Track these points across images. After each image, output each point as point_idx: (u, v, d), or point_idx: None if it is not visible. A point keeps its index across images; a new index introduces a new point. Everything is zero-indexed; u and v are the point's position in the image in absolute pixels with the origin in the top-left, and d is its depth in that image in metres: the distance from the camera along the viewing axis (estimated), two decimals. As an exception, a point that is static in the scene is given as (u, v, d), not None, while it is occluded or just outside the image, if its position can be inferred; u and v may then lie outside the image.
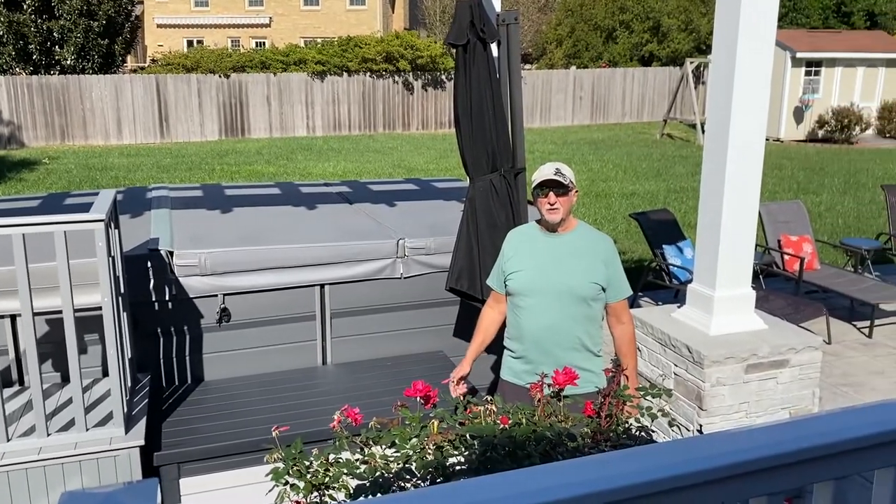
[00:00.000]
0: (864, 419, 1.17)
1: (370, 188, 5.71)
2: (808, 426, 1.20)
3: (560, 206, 2.97)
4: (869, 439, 1.19)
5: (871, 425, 1.19)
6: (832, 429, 1.19)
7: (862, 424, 1.17)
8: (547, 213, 3.00)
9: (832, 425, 1.20)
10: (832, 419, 1.21)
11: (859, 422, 1.18)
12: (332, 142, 20.56)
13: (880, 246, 7.57)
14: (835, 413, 1.23)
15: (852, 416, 1.20)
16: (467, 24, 3.52)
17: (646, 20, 30.42)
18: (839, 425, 1.18)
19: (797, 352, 3.80)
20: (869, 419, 1.18)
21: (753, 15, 3.55)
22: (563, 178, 2.96)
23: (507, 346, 3.21)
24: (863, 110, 20.34)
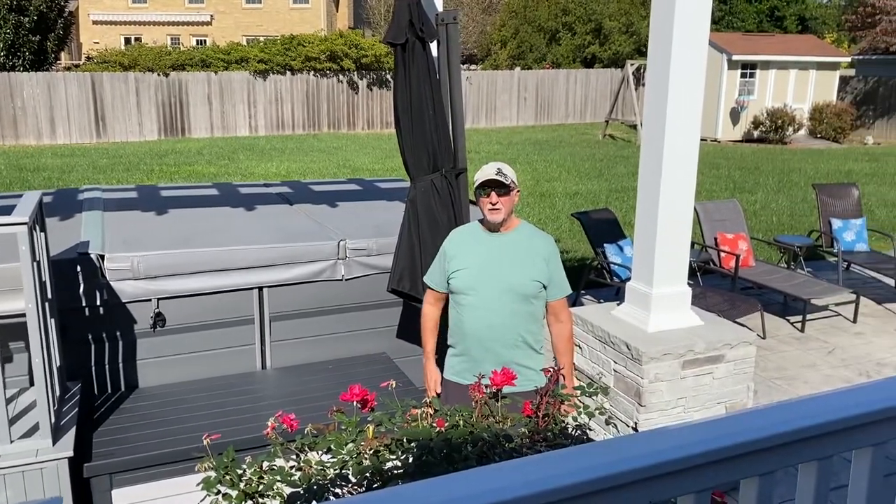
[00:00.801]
0: (787, 415, 1.19)
1: (311, 189, 5.63)
2: (734, 423, 1.21)
3: (502, 206, 2.99)
4: (793, 434, 1.21)
5: (795, 420, 1.21)
6: (757, 425, 1.21)
7: (785, 420, 1.19)
8: (489, 213, 3.02)
9: (757, 422, 1.22)
10: (757, 416, 1.23)
11: (783, 418, 1.20)
12: (275, 141, 20.27)
13: (812, 243, 7.83)
14: (760, 410, 1.25)
15: (776, 412, 1.22)
16: (406, 24, 3.49)
17: (588, 22, 30.89)
18: (764, 422, 1.20)
19: (732, 347, 3.89)
20: (793, 415, 1.20)
21: (687, 18, 3.62)
22: (505, 178, 2.97)
23: (449, 345, 3.21)
24: (795, 111, 21.05)
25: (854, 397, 1.25)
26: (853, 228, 7.70)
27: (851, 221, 7.74)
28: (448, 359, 3.22)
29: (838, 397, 1.25)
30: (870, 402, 1.28)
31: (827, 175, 14.99)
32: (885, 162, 17.20)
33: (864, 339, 6.25)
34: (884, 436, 1.28)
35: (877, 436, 1.28)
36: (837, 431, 1.21)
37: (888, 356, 5.89)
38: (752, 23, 34.62)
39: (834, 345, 6.14)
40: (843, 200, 7.97)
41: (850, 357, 5.88)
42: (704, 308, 5.64)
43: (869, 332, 6.43)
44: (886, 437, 1.29)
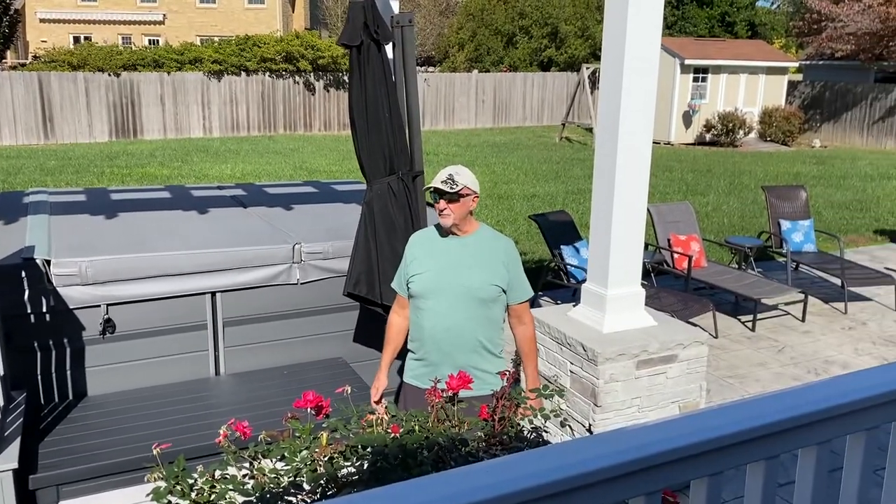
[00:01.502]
0: (734, 416, 1.21)
1: (266, 191, 5.56)
2: (685, 425, 1.23)
3: (451, 212, 2.98)
4: (743, 435, 1.23)
5: (745, 421, 1.23)
6: (708, 426, 1.22)
7: (736, 421, 1.21)
8: (439, 218, 3.02)
9: (708, 423, 1.23)
10: (708, 417, 1.24)
11: (733, 418, 1.21)
12: (230, 143, 19.98)
13: (762, 244, 8.02)
14: (711, 410, 1.27)
15: (727, 413, 1.24)
16: (360, 25, 3.47)
17: (544, 26, 31.16)
18: (713, 422, 1.22)
19: (684, 347, 3.95)
20: (742, 416, 1.22)
21: (640, 23, 3.67)
22: (453, 185, 2.95)
23: (409, 349, 3.20)
24: (746, 115, 21.55)
25: (799, 397, 1.27)
26: (801, 230, 7.90)
27: (799, 223, 7.94)
28: (408, 362, 3.21)
29: (785, 398, 1.27)
30: (815, 402, 1.31)
31: (776, 177, 15.37)
32: (831, 164, 17.71)
33: (812, 338, 6.42)
34: (828, 434, 1.31)
35: (821, 434, 1.31)
36: (785, 431, 1.24)
37: (835, 354, 6.06)
38: (703, 28, 35.36)
39: (783, 343, 6.29)
40: (792, 202, 8.18)
41: (799, 355, 6.03)
42: (658, 308, 5.73)
43: (817, 330, 6.60)
44: (831, 436, 1.32)
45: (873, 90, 22.30)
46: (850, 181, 15.17)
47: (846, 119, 22.99)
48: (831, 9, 23.23)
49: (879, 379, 1.34)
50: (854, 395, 1.29)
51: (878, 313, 7.07)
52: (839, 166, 17.44)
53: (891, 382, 1.33)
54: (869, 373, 1.39)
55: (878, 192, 13.92)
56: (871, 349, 6.16)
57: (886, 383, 1.32)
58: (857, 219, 11.47)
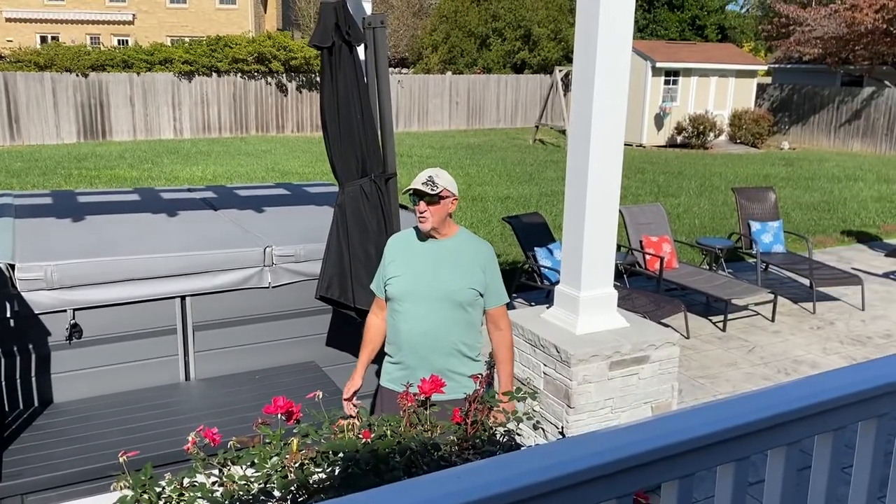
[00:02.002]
0: (705, 418, 1.21)
1: (237, 193, 5.50)
2: (657, 427, 1.22)
3: (430, 215, 2.96)
4: (712, 437, 1.23)
5: (714, 423, 1.23)
6: (676, 429, 1.22)
7: (704, 423, 1.21)
8: (418, 221, 3.00)
9: (676, 425, 1.23)
10: (676, 420, 1.24)
11: (702, 421, 1.22)
12: (200, 144, 19.77)
13: (732, 245, 8.11)
14: (682, 413, 1.27)
15: (697, 415, 1.24)
16: (332, 26, 3.44)
17: (517, 28, 31.29)
18: (682, 425, 1.22)
19: (656, 348, 3.98)
20: (711, 418, 1.23)
21: (611, 26, 3.69)
22: (434, 187, 2.94)
23: (386, 352, 3.18)
24: (716, 117, 21.82)
25: (769, 399, 1.28)
26: (771, 231, 8.01)
27: (769, 224, 8.05)
28: (385, 365, 3.19)
29: (754, 399, 1.28)
30: (784, 403, 1.31)
31: (746, 179, 15.58)
32: (799, 166, 18.00)
33: (781, 338, 6.51)
34: (797, 435, 1.32)
35: (791, 435, 1.32)
36: (755, 433, 1.24)
37: (804, 353, 6.15)
38: (674, 31, 35.76)
39: (754, 343, 6.37)
40: (761, 204, 8.29)
41: (768, 355, 6.11)
42: (631, 309, 5.77)
43: (786, 330, 6.70)
44: (800, 436, 1.33)
45: (840, 93, 22.71)
46: (818, 183, 15.42)
47: (814, 121, 23.39)
48: (799, 13, 23.63)
49: (847, 379, 1.35)
50: (823, 396, 1.30)
51: (846, 313, 7.19)
52: (807, 168, 17.72)
53: (858, 383, 1.34)
54: (837, 373, 1.40)
55: (844, 193, 14.17)
56: (839, 348, 6.26)
57: (854, 384, 1.34)
58: (825, 220, 11.66)
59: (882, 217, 11.98)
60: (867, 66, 23.06)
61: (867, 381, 1.34)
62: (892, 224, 11.45)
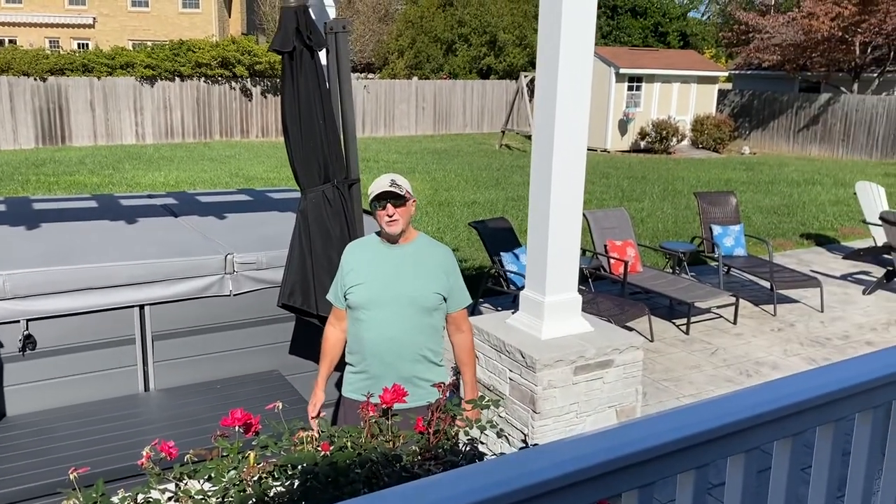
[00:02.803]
0: (663, 427, 1.21)
1: (198, 200, 5.41)
2: (614, 436, 1.21)
3: (399, 218, 2.95)
4: (671, 445, 1.23)
5: (672, 432, 1.22)
6: (637, 437, 1.21)
7: (662, 432, 1.20)
8: (386, 225, 2.96)
9: (636, 434, 1.22)
10: (635, 428, 1.23)
11: (660, 429, 1.21)
12: (163, 150, 19.47)
13: (695, 248, 8.21)
14: (638, 422, 1.26)
15: (652, 424, 1.23)
16: (293, 31, 3.40)
17: (483, 34, 31.42)
18: (642, 433, 1.21)
19: (620, 352, 4.00)
20: (668, 426, 1.22)
21: (573, 32, 3.70)
22: (400, 188, 2.94)
23: (348, 362, 3.13)
24: (678, 123, 22.13)
25: (727, 405, 1.28)
26: (732, 234, 8.13)
27: (730, 228, 8.17)
28: (347, 375, 3.14)
29: (714, 406, 1.28)
30: (743, 409, 1.31)
31: (708, 183, 15.81)
32: (759, 171, 18.33)
33: (743, 340, 6.60)
34: (757, 441, 1.32)
35: (751, 441, 1.32)
36: (715, 439, 1.24)
37: (765, 355, 6.24)
38: (637, 38, 36.22)
39: (716, 346, 6.44)
40: (723, 208, 8.41)
41: (731, 357, 6.19)
42: (596, 313, 5.80)
43: (748, 332, 6.79)
44: (760, 442, 1.33)
45: (798, 99, 23.20)
46: (778, 187, 15.71)
47: (773, 127, 23.86)
48: (758, 20, 24.11)
49: (806, 384, 1.36)
50: (782, 402, 1.30)
51: (806, 315, 7.32)
52: (767, 172, 18.05)
53: (817, 387, 1.35)
54: (795, 378, 1.41)
55: (803, 197, 14.46)
56: (799, 350, 6.37)
57: (812, 388, 1.34)
58: (785, 223, 11.88)
59: (839, 220, 12.24)
60: (824, 72, 23.61)
61: (826, 386, 1.34)
62: (849, 227, 11.71)
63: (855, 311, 7.48)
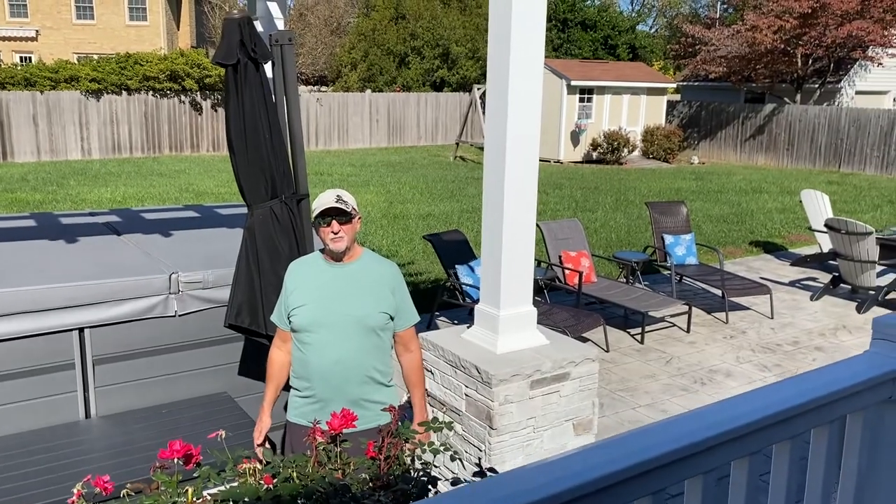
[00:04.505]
0: (618, 453, 1.16)
1: (143, 217, 5.24)
2: (560, 467, 1.16)
3: (344, 235, 2.86)
4: (626, 472, 1.18)
5: (626, 458, 1.18)
6: (592, 464, 1.16)
7: (617, 458, 1.15)
8: (331, 243, 2.87)
9: (593, 460, 1.18)
10: (591, 454, 1.19)
11: (614, 455, 1.16)
12: (110, 165, 19.00)
13: (647, 258, 8.29)
14: (592, 448, 1.22)
15: (608, 450, 1.18)
16: (236, 43, 3.31)
17: (436, 47, 31.54)
18: (598, 460, 1.16)
19: (576, 365, 3.97)
20: (622, 452, 1.17)
21: (523, 45, 3.69)
22: (345, 205, 2.85)
23: (293, 386, 3.01)
24: (629, 134, 22.48)
25: (682, 426, 1.24)
26: (683, 243, 8.23)
27: (682, 237, 8.28)
28: (292, 399, 3.02)
29: (671, 428, 1.24)
30: (700, 430, 1.28)
31: (659, 193, 16.06)
32: (708, 180, 18.69)
33: (696, 348, 6.66)
34: (713, 463, 1.29)
35: (707, 464, 1.28)
36: (670, 464, 1.20)
37: (718, 363, 6.31)
38: (588, 50, 36.78)
39: (671, 354, 6.49)
40: (674, 217, 8.52)
41: (685, 366, 6.24)
42: (551, 324, 5.79)
43: (701, 340, 6.86)
44: (716, 464, 1.29)
45: (744, 110, 23.79)
46: (727, 195, 16.04)
47: (721, 137, 24.40)
48: (704, 33, 24.68)
49: (760, 402, 1.33)
50: (738, 422, 1.27)
51: (756, 322, 7.43)
52: (716, 181, 18.43)
53: (774, 405, 1.32)
54: (750, 396, 1.38)
55: (751, 205, 14.78)
56: (751, 356, 6.45)
57: (768, 406, 1.31)
58: (734, 231, 12.11)
59: (786, 227, 12.53)
60: (768, 83, 24.26)
61: (782, 402, 1.32)
62: (795, 234, 11.99)
63: (804, 316, 7.63)
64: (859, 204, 15.10)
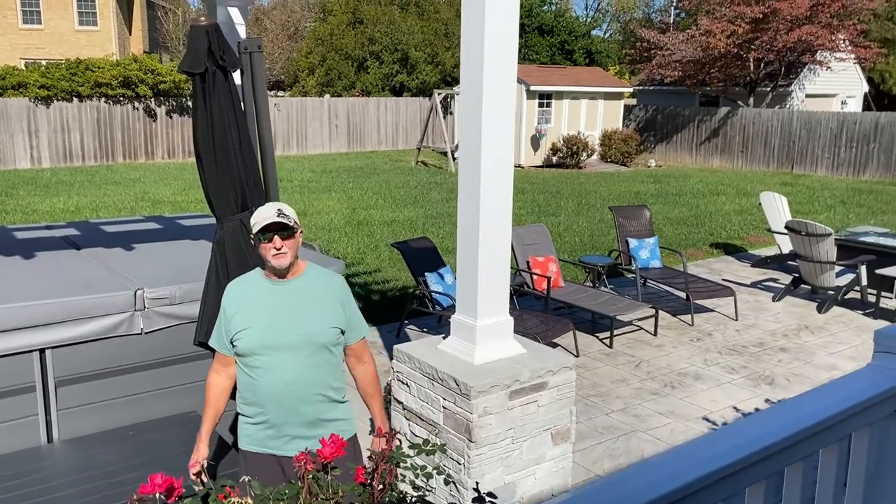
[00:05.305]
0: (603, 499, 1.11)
1: (103, 229, 5.07)
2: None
3: (287, 250, 2.74)
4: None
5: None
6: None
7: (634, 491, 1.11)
8: (274, 259, 2.73)
9: (604, 496, 1.13)
10: (603, 491, 1.14)
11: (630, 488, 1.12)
12: (62, 174, 18.47)
13: (612, 262, 8.34)
14: (577, 496, 1.17)
15: (591, 496, 1.14)
16: (204, 51, 3.20)
17: (394, 52, 31.45)
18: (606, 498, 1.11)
19: (554, 373, 3.94)
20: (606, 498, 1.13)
21: (497, 53, 3.65)
22: (287, 218, 2.73)
23: (242, 413, 2.85)
24: (588, 138, 22.70)
25: (668, 468, 1.20)
26: (647, 247, 8.30)
27: (645, 240, 8.34)
28: (243, 426, 2.87)
29: (650, 471, 1.19)
30: (685, 473, 1.24)
31: (619, 197, 16.22)
32: (666, 183, 18.96)
33: (665, 351, 6.70)
34: (732, 491, 1.25)
35: (724, 493, 1.25)
36: (690, 495, 1.16)
37: (687, 366, 6.35)
38: (545, 55, 37.06)
39: (640, 358, 6.52)
40: (637, 221, 8.59)
41: (654, 369, 6.27)
42: (522, 330, 5.76)
43: (668, 343, 6.91)
44: (734, 491, 1.26)
45: (699, 113, 24.22)
46: (685, 198, 16.28)
47: (677, 140, 24.80)
48: (659, 38, 25.07)
49: (774, 424, 1.30)
50: (755, 446, 1.23)
51: (721, 324, 7.52)
52: (674, 184, 18.70)
53: (788, 426, 1.29)
54: (760, 418, 1.35)
55: (709, 207, 15.02)
56: (718, 359, 6.52)
57: (783, 428, 1.28)
58: (694, 233, 12.27)
59: (745, 229, 12.75)
60: (722, 87, 24.76)
61: (796, 423, 1.29)
62: (754, 235, 12.21)
63: (767, 318, 7.75)
64: (813, 205, 15.47)
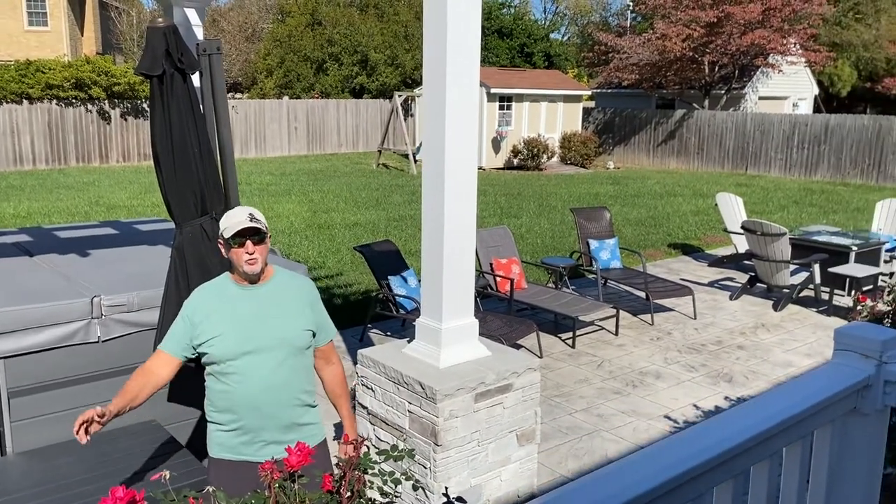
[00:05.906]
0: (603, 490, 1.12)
1: (57, 235, 4.94)
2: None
3: (259, 256, 2.71)
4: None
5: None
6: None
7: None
8: (246, 265, 2.70)
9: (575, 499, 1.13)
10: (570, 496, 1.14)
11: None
12: (12, 178, 17.97)
13: (574, 263, 8.42)
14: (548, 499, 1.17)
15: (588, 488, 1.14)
16: (162, 53, 3.14)
17: (354, 54, 31.30)
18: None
19: (519, 375, 3.96)
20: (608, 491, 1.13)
21: (459, 55, 3.65)
22: (260, 223, 2.70)
23: (213, 421, 2.80)
24: (548, 140, 22.89)
25: (660, 460, 1.21)
26: (608, 248, 8.40)
27: (606, 241, 8.44)
28: (214, 434, 2.81)
29: (643, 464, 1.20)
30: (680, 462, 1.25)
31: (579, 198, 16.38)
32: (625, 184, 19.22)
33: (626, 351, 6.78)
34: (698, 491, 1.27)
35: (692, 493, 1.26)
36: (658, 498, 1.17)
37: (647, 364, 6.44)
38: (505, 58, 37.30)
39: (602, 358, 6.59)
40: (598, 223, 8.68)
41: (616, 368, 6.34)
42: (486, 332, 5.77)
43: (629, 343, 7.00)
44: (701, 491, 1.27)
45: (656, 115, 24.61)
46: (643, 199, 16.51)
47: (634, 142, 25.16)
48: (616, 41, 25.42)
49: (739, 425, 1.32)
50: (722, 447, 1.25)
51: (681, 323, 7.64)
52: (632, 186, 18.96)
53: (752, 426, 1.31)
54: (725, 420, 1.37)
55: (667, 208, 15.26)
56: (678, 357, 6.62)
57: (747, 428, 1.30)
58: (652, 234, 12.46)
59: (701, 229, 12.99)
60: (678, 90, 25.20)
61: (762, 423, 1.31)
62: (710, 235, 12.44)
63: (724, 316, 7.90)
64: (767, 205, 15.82)
